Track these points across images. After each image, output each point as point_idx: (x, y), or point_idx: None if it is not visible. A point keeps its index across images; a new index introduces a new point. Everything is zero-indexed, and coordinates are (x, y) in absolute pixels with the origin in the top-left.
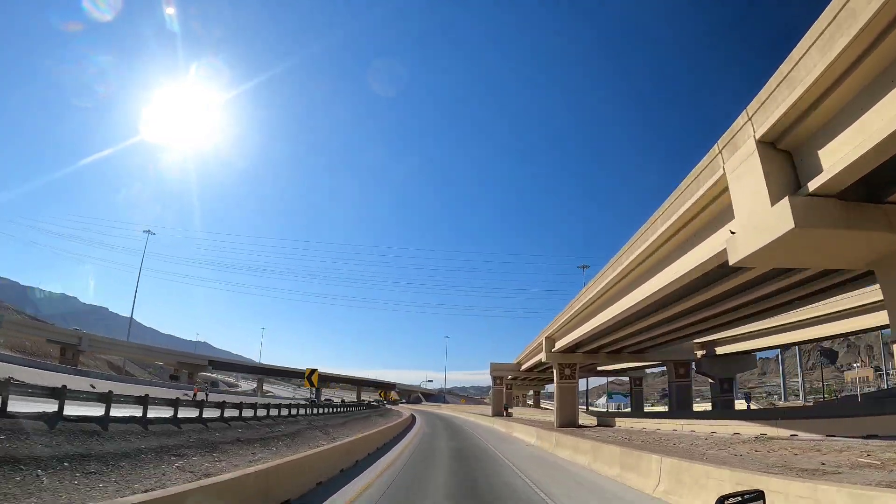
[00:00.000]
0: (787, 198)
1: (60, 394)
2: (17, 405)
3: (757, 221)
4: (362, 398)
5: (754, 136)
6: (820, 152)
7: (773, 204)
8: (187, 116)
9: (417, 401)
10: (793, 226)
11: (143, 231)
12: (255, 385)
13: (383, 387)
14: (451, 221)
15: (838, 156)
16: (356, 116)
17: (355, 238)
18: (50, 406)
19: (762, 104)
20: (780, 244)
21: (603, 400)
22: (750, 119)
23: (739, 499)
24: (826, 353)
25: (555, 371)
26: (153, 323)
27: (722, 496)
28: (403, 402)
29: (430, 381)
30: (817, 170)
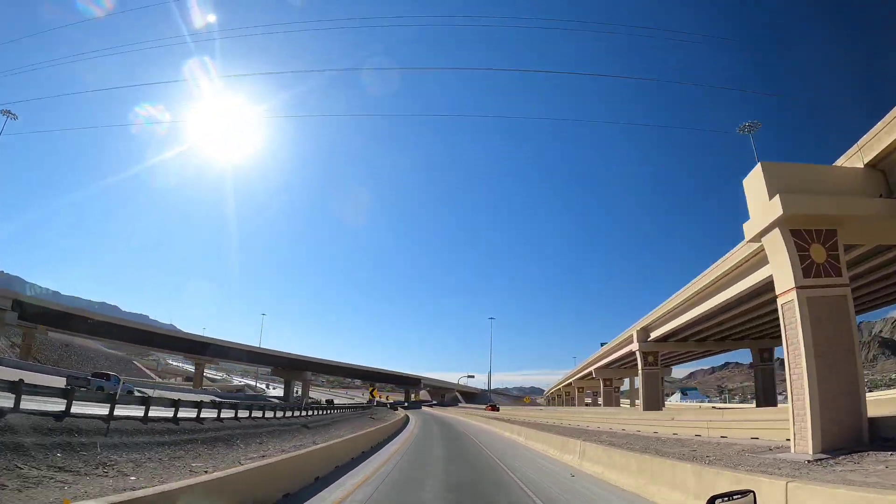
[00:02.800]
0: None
1: None
2: None
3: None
4: (385, 399)
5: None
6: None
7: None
8: (225, 129)
9: (454, 402)
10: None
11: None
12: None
13: (406, 383)
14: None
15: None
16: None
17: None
18: None
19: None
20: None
21: (676, 397)
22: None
23: (730, 499)
24: (887, 343)
25: None
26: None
27: (714, 496)
28: (434, 405)
29: (472, 376)
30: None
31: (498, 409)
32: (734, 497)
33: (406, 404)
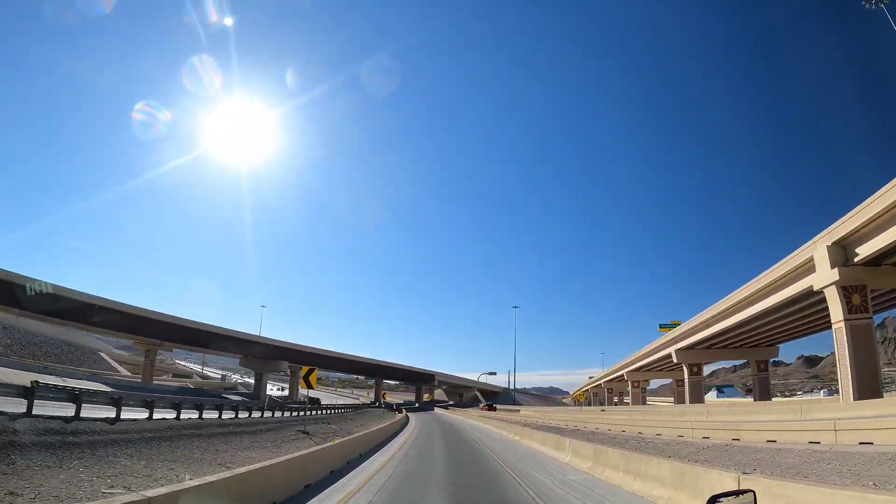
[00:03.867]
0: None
1: None
2: None
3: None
4: (383, 399)
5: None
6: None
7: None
8: (241, 132)
9: (474, 402)
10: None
11: None
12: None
13: (417, 379)
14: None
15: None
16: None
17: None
18: None
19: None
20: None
21: (712, 395)
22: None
23: (731, 497)
24: None
25: None
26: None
27: (714, 495)
28: (449, 405)
29: (493, 373)
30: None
31: (495, 409)
32: (735, 496)
33: (417, 405)
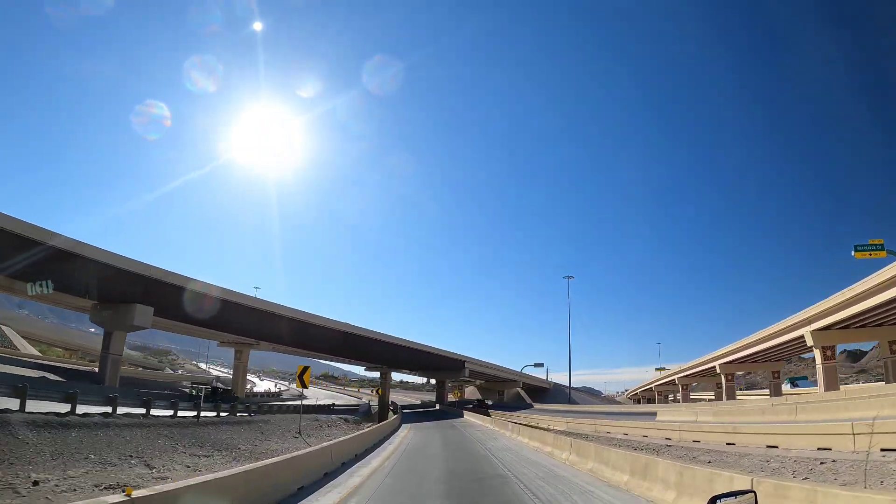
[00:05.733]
0: None
1: None
2: None
3: None
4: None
5: None
6: None
7: None
8: (267, 138)
9: (517, 403)
10: None
11: None
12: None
13: (437, 368)
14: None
15: None
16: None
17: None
18: None
19: None
20: None
21: (786, 387)
22: None
23: (732, 498)
24: None
25: None
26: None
27: (715, 496)
28: (489, 407)
29: (541, 364)
30: None
31: (489, 413)
32: (735, 496)
33: (437, 406)
